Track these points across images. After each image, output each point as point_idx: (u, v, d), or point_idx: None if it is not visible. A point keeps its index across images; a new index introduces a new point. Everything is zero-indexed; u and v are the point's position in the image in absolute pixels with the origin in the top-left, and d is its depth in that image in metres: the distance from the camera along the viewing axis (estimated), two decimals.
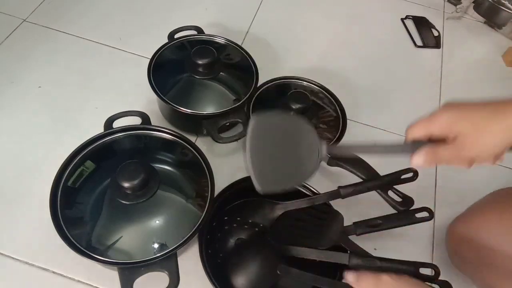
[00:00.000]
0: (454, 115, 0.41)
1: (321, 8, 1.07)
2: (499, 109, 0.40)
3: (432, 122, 0.42)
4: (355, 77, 0.93)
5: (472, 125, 0.40)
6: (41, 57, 0.85)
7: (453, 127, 0.41)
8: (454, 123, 0.41)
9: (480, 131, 0.39)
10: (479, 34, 1.09)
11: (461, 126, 0.40)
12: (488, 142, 0.39)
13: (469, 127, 0.40)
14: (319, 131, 0.73)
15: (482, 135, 0.39)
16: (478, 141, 0.40)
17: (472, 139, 0.40)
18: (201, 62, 0.72)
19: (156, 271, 0.53)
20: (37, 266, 0.61)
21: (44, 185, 0.58)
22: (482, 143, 0.40)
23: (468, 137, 0.40)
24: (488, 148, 0.39)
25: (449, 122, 0.41)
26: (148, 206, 0.57)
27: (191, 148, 0.64)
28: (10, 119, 0.76)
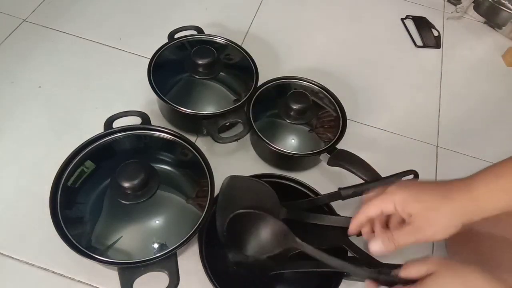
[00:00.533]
0: (406, 196, 0.42)
1: (321, 8, 1.07)
2: (447, 190, 0.41)
3: (385, 201, 0.43)
4: (355, 77, 0.93)
5: (423, 208, 0.41)
6: (41, 57, 0.85)
7: (405, 208, 0.42)
8: (406, 203, 0.42)
9: (431, 212, 0.40)
10: (479, 34, 1.09)
11: (412, 208, 0.41)
12: (440, 223, 0.40)
13: (420, 209, 0.41)
14: (319, 131, 0.73)
15: (433, 216, 0.40)
16: (429, 222, 0.41)
17: (424, 220, 0.41)
18: (201, 62, 0.72)
19: (156, 271, 0.53)
20: (37, 266, 0.61)
21: (44, 185, 0.58)
22: (434, 223, 0.40)
23: (420, 218, 0.41)
24: (441, 228, 0.40)
25: (401, 202, 0.42)
26: (148, 206, 0.57)
27: (191, 148, 0.64)
28: (10, 119, 0.76)
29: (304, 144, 0.72)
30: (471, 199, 0.40)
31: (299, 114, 0.71)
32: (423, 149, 0.83)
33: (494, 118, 0.91)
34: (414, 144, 0.84)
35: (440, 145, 0.84)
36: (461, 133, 0.87)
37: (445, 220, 0.40)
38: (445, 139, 0.85)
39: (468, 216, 0.40)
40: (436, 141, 0.85)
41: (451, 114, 0.90)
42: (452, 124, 0.88)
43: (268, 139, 0.70)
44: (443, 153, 0.83)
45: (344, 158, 0.69)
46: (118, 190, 0.57)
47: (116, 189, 0.57)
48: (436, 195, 0.41)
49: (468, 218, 0.40)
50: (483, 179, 0.42)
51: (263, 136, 0.70)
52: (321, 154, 0.70)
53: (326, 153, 0.70)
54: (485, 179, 0.41)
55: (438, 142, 0.85)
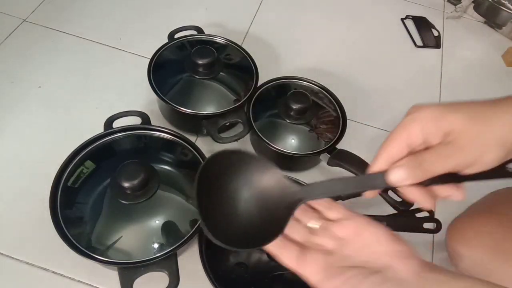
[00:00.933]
0: (440, 109, 0.31)
1: (321, 8, 1.07)
2: (496, 102, 0.31)
3: (410, 125, 0.31)
4: (355, 77, 0.93)
5: (467, 116, 0.30)
6: (41, 57, 0.85)
7: (441, 124, 0.30)
8: (441, 117, 0.30)
9: (482, 121, 0.29)
10: (479, 34, 1.09)
11: (453, 119, 0.30)
12: (487, 140, 0.29)
13: (463, 119, 0.29)
14: (319, 131, 0.73)
15: (485, 127, 0.29)
16: (480, 135, 0.29)
17: (471, 134, 0.29)
18: (201, 62, 0.72)
19: (156, 271, 0.53)
20: (37, 266, 0.61)
21: (44, 185, 0.58)
22: (478, 143, 0.29)
23: (464, 133, 0.29)
24: (489, 147, 0.29)
25: (434, 117, 0.30)
26: (148, 206, 0.57)
27: (191, 148, 0.64)
28: (10, 119, 0.76)
29: (304, 144, 0.72)
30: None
31: (299, 114, 0.71)
32: None
33: None
34: None
35: None
36: None
37: (497, 133, 0.29)
38: None
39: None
40: None
41: None
42: None
43: (268, 139, 0.70)
44: None
45: (344, 158, 0.69)
46: (118, 190, 0.57)
47: (116, 189, 0.57)
48: (482, 105, 0.31)
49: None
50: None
51: (263, 136, 0.70)
52: (321, 154, 0.70)
53: (326, 153, 0.70)
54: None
55: None
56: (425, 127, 0.30)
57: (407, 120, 0.32)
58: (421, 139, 0.31)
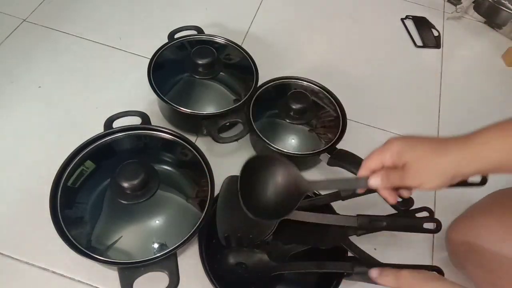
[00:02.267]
0: (403, 146, 0.45)
1: (321, 8, 1.07)
2: (441, 145, 0.43)
3: (384, 152, 0.46)
4: (355, 77, 0.93)
5: (417, 156, 0.44)
6: (41, 57, 0.85)
7: (402, 157, 0.44)
8: (403, 153, 0.44)
9: (423, 163, 0.43)
10: (479, 34, 1.09)
11: (408, 156, 0.44)
12: (429, 174, 0.43)
13: (415, 157, 0.44)
14: (319, 131, 0.73)
15: (424, 166, 0.43)
16: (420, 171, 0.43)
17: (416, 169, 0.44)
18: (201, 62, 0.72)
19: (156, 271, 0.53)
20: (37, 266, 0.61)
21: (44, 185, 0.58)
22: (424, 174, 0.43)
23: (413, 167, 0.44)
24: (430, 179, 0.43)
25: (398, 151, 0.45)
26: (148, 206, 0.57)
27: (191, 148, 0.64)
28: (10, 119, 0.76)
29: (304, 144, 0.72)
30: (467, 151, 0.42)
31: (299, 114, 0.71)
32: None
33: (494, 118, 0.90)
34: None
35: None
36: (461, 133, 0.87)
37: (435, 170, 0.43)
38: None
39: (459, 168, 0.42)
40: None
41: (451, 114, 0.90)
42: (452, 124, 0.88)
43: (268, 139, 0.70)
44: None
45: (344, 158, 0.69)
46: (118, 190, 0.57)
47: (116, 189, 0.57)
48: (432, 146, 0.43)
49: (458, 170, 0.42)
50: (484, 132, 0.43)
51: (263, 136, 0.70)
52: (321, 154, 0.70)
53: (326, 153, 0.70)
54: (486, 132, 0.43)
55: None
56: (393, 156, 0.45)
57: (382, 148, 0.47)
58: (391, 162, 0.46)
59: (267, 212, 0.51)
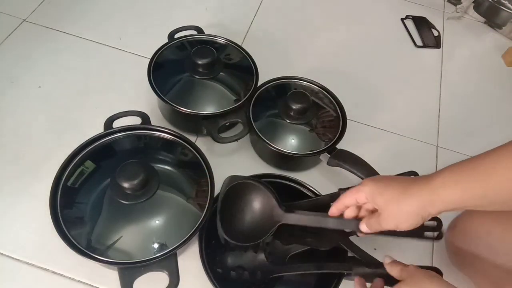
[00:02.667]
0: (373, 190, 0.48)
1: (321, 8, 1.07)
2: (406, 189, 0.46)
3: (358, 192, 0.50)
4: (355, 77, 0.93)
5: (385, 201, 0.47)
6: (41, 57, 0.85)
7: (374, 200, 0.48)
8: (373, 196, 0.48)
9: (392, 208, 0.46)
10: (479, 34, 1.09)
11: (378, 200, 0.47)
12: (400, 215, 0.46)
13: (383, 202, 0.47)
14: (319, 131, 0.73)
15: (394, 211, 0.46)
16: (391, 215, 0.47)
17: (388, 213, 0.47)
18: (201, 62, 0.72)
19: (156, 271, 0.53)
20: (37, 266, 0.61)
21: (44, 185, 0.58)
22: (395, 216, 0.46)
23: (384, 212, 0.47)
24: (402, 220, 0.46)
25: (370, 195, 0.48)
26: (148, 206, 0.57)
27: (191, 148, 0.64)
28: (10, 119, 0.76)
29: (304, 144, 0.72)
30: (428, 194, 0.44)
31: (299, 114, 0.71)
32: (423, 149, 0.83)
33: (494, 118, 0.91)
34: (414, 144, 0.84)
35: (440, 145, 0.84)
36: (461, 133, 0.87)
37: (404, 213, 0.46)
38: (445, 139, 0.85)
39: (425, 209, 0.44)
40: (436, 141, 0.85)
41: (451, 114, 0.90)
42: (452, 124, 0.88)
43: (268, 139, 0.70)
44: (443, 153, 0.83)
45: (344, 158, 0.69)
46: (118, 190, 0.57)
47: (116, 189, 0.57)
48: (398, 190, 0.46)
49: (425, 211, 0.45)
50: (440, 175, 0.45)
51: (263, 136, 0.70)
52: (321, 154, 0.70)
53: (326, 153, 0.70)
54: (442, 175, 0.45)
55: (438, 142, 0.85)
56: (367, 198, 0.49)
57: (357, 189, 0.50)
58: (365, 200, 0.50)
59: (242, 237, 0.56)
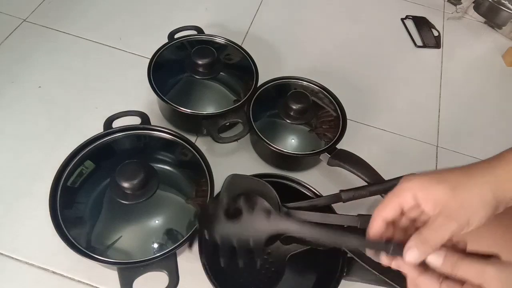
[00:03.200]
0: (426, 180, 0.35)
1: (321, 8, 1.07)
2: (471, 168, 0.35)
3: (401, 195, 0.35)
4: (355, 77, 0.93)
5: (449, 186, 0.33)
6: (41, 57, 0.85)
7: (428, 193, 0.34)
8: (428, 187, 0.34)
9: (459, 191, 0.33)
10: (479, 34, 1.09)
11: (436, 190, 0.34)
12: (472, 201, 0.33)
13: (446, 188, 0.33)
14: (319, 131, 0.73)
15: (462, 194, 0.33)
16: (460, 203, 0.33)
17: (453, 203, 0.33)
18: (201, 62, 0.72)
19: (155, 271, 0.53)
20: (37, 266, 0.61)
21: (44, 185, 0.58)
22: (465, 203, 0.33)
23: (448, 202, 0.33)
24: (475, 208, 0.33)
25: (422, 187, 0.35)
26: (147, 206, 0.57)
27: (191, 148, 0.64)
28: (10, 119, 0.76)
29: (304, 144, 0.72)
30: (501, 170, 0.34)
31: (299, 114, 0.71)
32: (423, 149, 0.83)
33: (494, 118, 0.91)
34: (414, 144, 0.84)
35: (440, 145, 0.84)
36: (461, 133, 0.87)
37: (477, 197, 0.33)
38: (445, 139, 0.85)
39: (501, 188, 0.33)
40: (436, 141, 0.85)
41: (451, 114, 0.90)
42: (452, 124, 0.88)
43: (268, 139, 0.70)
44: (443, 153, 0.83)
45: (344, 158, 0.69)
46: (118, 190, 0.57)
47: (116, 189, 0.57)
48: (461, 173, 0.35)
49: (502, 191, 0.33)
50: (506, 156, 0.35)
51: (263, 136, 0.70)
52: (321, 154, 0.70)
53: (326, 153, 0.70)
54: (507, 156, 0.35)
55: (438, 142, 0.85)
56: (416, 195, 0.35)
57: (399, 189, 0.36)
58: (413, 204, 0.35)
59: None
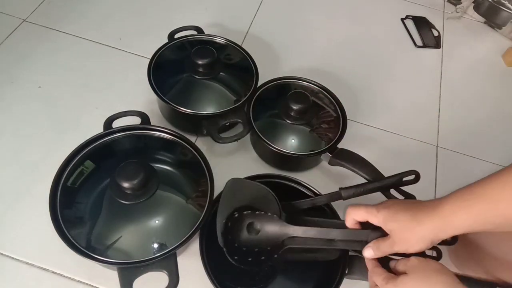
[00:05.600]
0: (386, 215, 0.49)
1: (321, 8, 1.07)
2: (419, 212, 0.47)
3: (371, 216, 0.51)
4: (355, 77, 0.93)
5: (399, 226, 0.48)
6: (41, 57, 0.85)
7: (386, 225, 0.49)
8: (386, 221, 0.49)
9: (405, 232, 0.48)
10: (479, 34, 1.09)
11: (391, 226, 0.49)
12: (411, 240, 0.48)
13: (396, 227, 0.48)
14: (319, 131, 0.73)
15: (405, 235, 0.48)
16: (404, 239, 0.48)
17: (400, 237, 0.48)
18: (201, 62, 0.72)
19: (155, 271, 0.53)
20: (37, 266, 0.61)
21: (44, 185, 0.58)
22: (407, 240, 0.48)
23: (397, 236, 0.49)
24: (413, 243, 0.48)
25: (383, 221, 0.49)
26: (147, 206, 0.57)
27: (191, 148, 0.64)
28: (10, 119, 0.76)
29: (304, 144, 0.72)
30: (439, 221, 0.46)
31: (299, 114, 0.71)
32: (423, 149, 0.83)
33: (494, 118, 0.91)
34: (414, 144, 0.84)
35: (440, 145, 0.84)
36: (461, 133, 0.87)
37: (415, 238, 0.47)
38: (445, 139, 0.85)
39: (436, 235, 0.46)
40: (436, 141, 0.85)
41: (451, 114, 0.90)
42: (452, 124, 0.88)
43: (268, 139, 0.70)
44: (443, 153, 0.83)
45: (346, 157, 0.69)
46: (118, 190, 0.57)
47: (116, 189, 0.57)
48: (409, 217, 0.48)
49: (436, 236, 0.47)
50: (449, 201, 0.46)
51: (263, 136, 0.70)
52: (322, 154, 0.70)
53: (328, 153, 0.70)
54: (450, 201, 0.46)
55: (438, 142, 0.85)
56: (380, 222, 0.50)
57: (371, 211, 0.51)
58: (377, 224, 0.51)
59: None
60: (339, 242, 0.54)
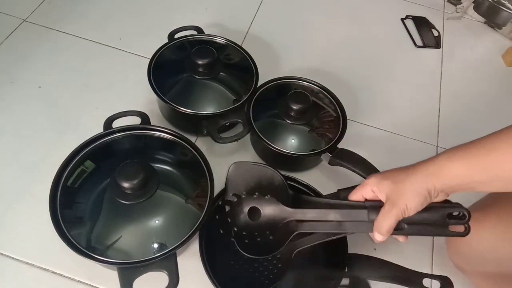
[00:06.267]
0: (378, 178, 0.49)
1: (321, 8, 1.07)
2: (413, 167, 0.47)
3: (363, 188, 0.50)
4: (355, 77, 0.93)
5: (392, 181, 0.47)
6: (41, 57, 0.85)
7: (379, 187, 0.48)
8: (379, 183, 0.48)
9: (398, 184, 0.46)
10: (479, 34, 1.09)
11: (384, 185, 0.48)
12: (407, 191, 0.46)
13: (390, 183, 0.47)
14: (319, 131, 0.73)
15: (400, 187, 0.46)
16: (398, 193, 0.46)
17: (395, 193, 0.46)
18: (201, 62, 0.72)
19: (155, 271, 0.53)
20: (37, 266, 0.61)
21: (44, 185, 0.58)
22: (402, 193, 0.46)
23: (391, 192, 0.47)
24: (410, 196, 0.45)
25: (375, 183, 0.49)
26: (147, 206, 0.57)
27: (191, 148, 0.64)
28: (10, 119, 0.76)
29: (304, 144, 0.72)
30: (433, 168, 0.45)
31: (299, 114, 0.71)
32: (423, 149, 0.83)
33: (494, 118, 0.91)
34: (414, 144, 0.84)
35: (440, 145, 0.84)
36: (461, 133, 0.86)
37: (410, 190, 0.45)
38: (445, 139, 0.85)
39: (430, 182, 0.45)
40: (436, 141, 0.85)
41: (451, 114, 0.90)
42: (452, 124, 0.88)
43: (268, 139, 0.70)
44: None
45: (346, 157, 0.69)
46: (118, 190, 0.57)
47: (116, 189, 0.57)
48: (402, 171, 0.47)
49: (431, 183, 0.45)
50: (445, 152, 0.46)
51: (263, 136, 0.70)
52: (322, 154, 0.70)
53: (328, 153, 0.70)
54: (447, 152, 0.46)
55: (438, 142, 0.85)
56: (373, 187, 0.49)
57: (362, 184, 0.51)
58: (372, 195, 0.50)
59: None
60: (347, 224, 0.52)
